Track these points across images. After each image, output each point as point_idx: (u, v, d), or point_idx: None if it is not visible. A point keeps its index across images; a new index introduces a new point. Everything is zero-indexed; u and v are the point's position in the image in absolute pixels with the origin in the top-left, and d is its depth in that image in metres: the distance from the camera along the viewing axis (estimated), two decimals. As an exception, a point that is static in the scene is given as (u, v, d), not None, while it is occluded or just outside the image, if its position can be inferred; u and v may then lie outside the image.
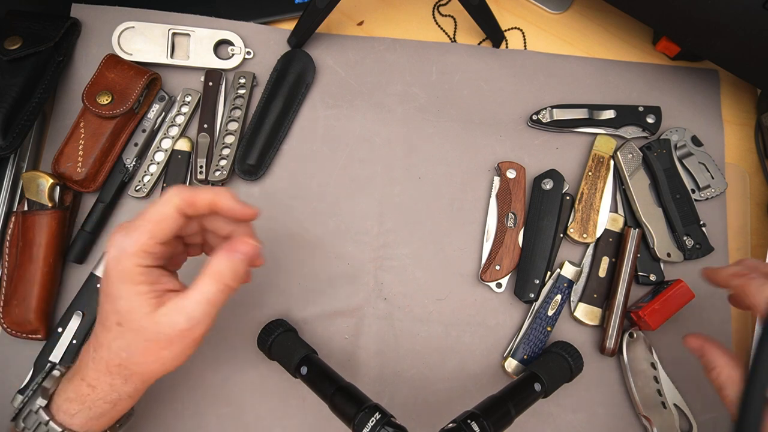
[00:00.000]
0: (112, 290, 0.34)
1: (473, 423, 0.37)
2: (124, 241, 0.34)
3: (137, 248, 0.34)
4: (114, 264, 0.34)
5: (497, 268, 0.50)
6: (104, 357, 0.35)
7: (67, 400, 0.36)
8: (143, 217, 0.35)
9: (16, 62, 0.49)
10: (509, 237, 0.51)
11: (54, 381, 0.37)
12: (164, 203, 0.35)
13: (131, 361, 0.35)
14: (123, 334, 0.34)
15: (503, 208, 0.52)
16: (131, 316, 0.34)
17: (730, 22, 0.46)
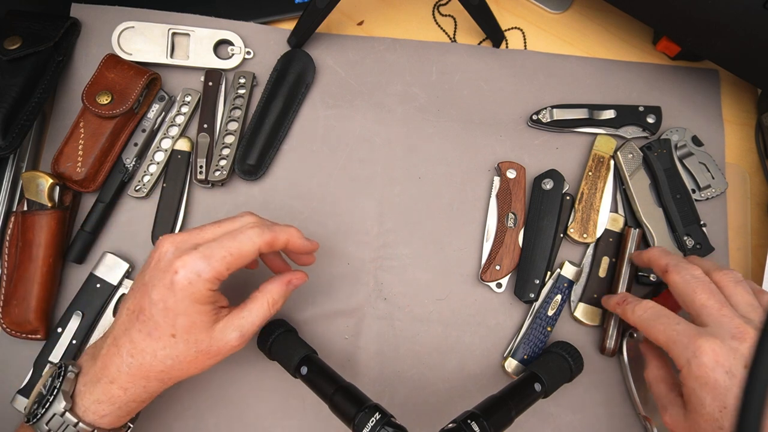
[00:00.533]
0: (176, 307, 0.36)
1: (473, 423, 0.37)
2: (199, 264, 0.35)
3: (212, 276, 0.36)
4: (186, 284, 0.35)
5: (497, 268, 0.50)
6: (145, 363, 0.36)
7: (96, 402, 0.36)
8: (223, 245, 0.36)
9: (15, 62, 0.49)
10: (509, 237, 0.51)
11: (71, 383, 0.37)
12: (248, 242, 0.37)
13: (175, 368, 0.37)
14: (175, 345, 0.36)
15: (503, 208, 0.51)
16: (190, 330, 0.36)
17: (730, 22, 0.46)
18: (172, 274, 0.35)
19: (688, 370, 0.37)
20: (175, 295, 0.35)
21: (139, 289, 0.37)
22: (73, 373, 0.37)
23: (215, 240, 0.37)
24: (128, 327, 0.37)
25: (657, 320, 0.40)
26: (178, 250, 0.37)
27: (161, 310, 0.36)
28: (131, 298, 0.38)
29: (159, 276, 0.36)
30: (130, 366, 0.36)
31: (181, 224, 0.51)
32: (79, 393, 0.37)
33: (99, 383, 0.37)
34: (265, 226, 0.38)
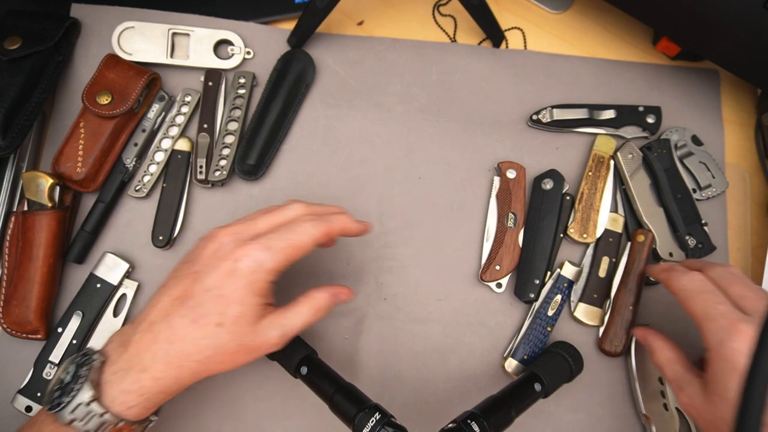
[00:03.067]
0: (231, 295, 0.36)
1: (473, 423, 0.37)
2: (261, 254, 0.36)
3: (273, 267, 0.37)
4: (248, 273, 0.36)
5: (497, 268, 0.50)
6: (183, 351, 0.36)
7: (124, 392, 0.35)
8: (282, 237, 0.37)
9: (15, 62, 0.49)
10: (509, 237, 0.51)
11: (96, 372, 0.36)
12: (306, 235, 0.38)
13: (213, 360, 0.36)
14: (218, 335, 0.36)
15: (503, 208, 0.51)
16: (239, 321, 0.36)
17: (730, 22, 0.46)
18: (233, 262, 0.36)
19: (718, 351, 0.36)
20: (234, 283, 0.36)
21: (188, 277, 0.37)
22: (99, 361, 0.36)
23: (273, 232, 0.38)
24: (169, 313, 0.36)
25: (701, 294, 0.39)
26: (238, 240, 0.37)
27: (214, 297, 0.36)
28: (176, 285, 0.37)
29: (216, 264, 0.36)
30: (167, 353, 0.35)
31: (181, 224, 0.51)
32: (107, 382, 0.35)
33: (130, 372, 0.35)
34: (320, 219, 0.39)
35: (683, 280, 0.41)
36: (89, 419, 0.34)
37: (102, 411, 0.34)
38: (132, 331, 0.37)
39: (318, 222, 0.38)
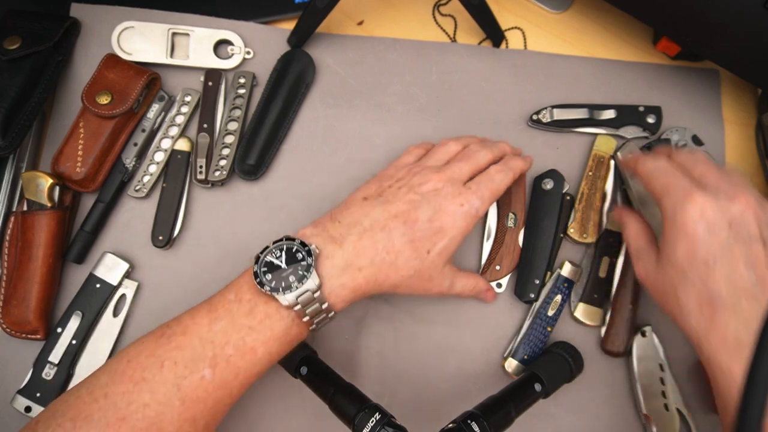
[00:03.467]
0: (449, 231, 0.41)
1: (473, 423, 0.37)
2: (477, 203, 0.42)
3: (482, 213, 0.43)
4: (467, 217, 0.41)
5: (497, 268, 0.50)
6: (395, 264, 0.39)
7: (341, 286, 0.38)
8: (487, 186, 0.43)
9: (15, 62, 0.49)
10: (510, 237, 0.51)
11: (316, 261, 0.38)
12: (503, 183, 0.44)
13: (409, 280, 0.40)
14: (424, 260, 0.40)
15: (504, 208, 0.51)
16: (442, 254, 0.41)
17: (730, 22, 0.46)
18: (457, 206, 0.41)
19: (672, 219, 0.38)
20: (455, 222, 0.41)
21: (406, 203, 0.41)
22: (317, 253, 0.38)
23: (480, 182, 0.43)
24: (388, 226, 0.39)
25: (664, 172, 0.40)
26: (455, 185, 0.42)
27: (434, 228, 0.40)
28: (391, 204, 0.41)
29: (439, 202, 0.41)
30: (383, 261, 0.39)
31: (181, 224, 0.51)
32: (327, 275, 0.38)
33: (348, 269, 0.38)
34: (508, 168, 0.45)
35: (648, 164, 0.42)
36: (311, 305, 0.37)
37: (323, 300, 0.37)
38: (344, 231, 0.40)
39: (506, 171, 0.45)
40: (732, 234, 0.35)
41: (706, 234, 0.36)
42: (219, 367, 0.35)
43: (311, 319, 0.37)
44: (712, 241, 0.35)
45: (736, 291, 0.34)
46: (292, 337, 0.38)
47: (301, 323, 0.37)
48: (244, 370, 0.36)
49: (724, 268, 0.35)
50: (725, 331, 0.34)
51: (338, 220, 0.41)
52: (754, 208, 0.36)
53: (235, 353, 0.35)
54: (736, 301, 0.34)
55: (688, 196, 0.37)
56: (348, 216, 0.41)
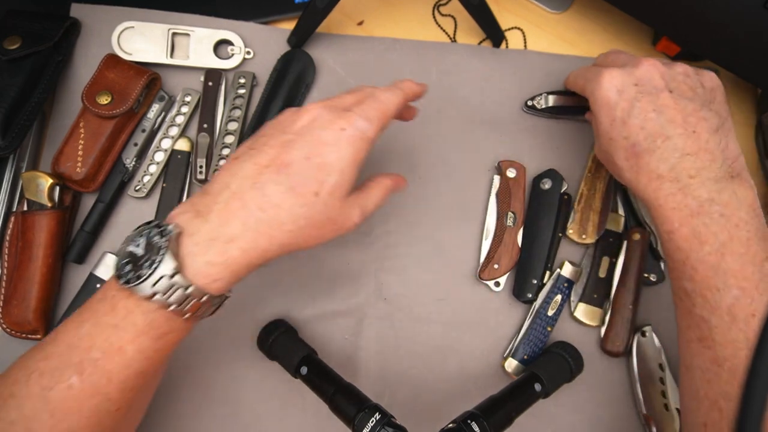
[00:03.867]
0: (335, 164, 0.35)
1: (473, 423, 0.37)
2: (363, 123, 0.36)
3: (373, 135, 0.37)
4: (353, 141, 0.36)
5: (496, 267, 0.50)
6: (277, 218, 0.34)
7: (208, 264, 0.33)
8: (373, 106, 0.38)
9: (15, 62, 0.49)
10: (508, 236, 0.51)
11: (174, 244, 0.33)
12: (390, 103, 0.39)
13: (303, 231, 0.35)
14: (314, 204, 0.35)
15: (503, 207, 0.51)
16: (334, 192, 0.36)
17: (730, 22, 0.46)
18: (337, 131, 0.36)
19: (592, 98, 0.43)
20: (339, 152, 0.35)
21: (277, 146, 0.36)
22: (176, 232, 0.33)
23: (364, 103, 0.38)
24: (259, 180, 0.34)
25: (583, 70, 0.47)
26: (334, 111, 0.37)
27: (316, 165, 0.35)
28: (261, 154, 0.35)
29: (316, 133, 0.36)
30: (259, 221, 0.34)
31: (181, 224, 0.51)
32: (189, 254, 0.33)
33: (215, 242, 0.33)
34: (396, 88, 0.41)
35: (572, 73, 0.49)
36: (172, 292, 0.32)
37: (186, 284, 0.32)
38: (210, 200, 0.35)
39: (394, 90, 0.40)
40: (639, 90, 0.41)
41: (617, 97, 0.41)
42: (86, 372, 0.32)
43: (181, 308, 0.33)
44: (623, 101, 0.41)
45: (650, 135, 0.40)
46: (164, 331, 0.33)
47: (171, 314, 0.33)
48: (117, 373, 0.32)
49: (637, 119, 0.40)
50: (648, 170, 0.40)
51: (206, 191, 0.36)
52: (657, 66, 0.42)
53: (103, 356, 0.32)
54: (651, 144, 0.40)
55: (599, 75, 0.42)
56: (216, 183, 0.36)
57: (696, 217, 0.38)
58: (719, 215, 0.37)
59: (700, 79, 0.43)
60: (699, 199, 0.38)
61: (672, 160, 0.39)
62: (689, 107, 0.40)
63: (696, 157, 0.39)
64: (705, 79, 0.43)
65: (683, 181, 0.38)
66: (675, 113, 0.40)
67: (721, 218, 0.37)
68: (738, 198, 0.38)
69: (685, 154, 0.39)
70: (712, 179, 0.38)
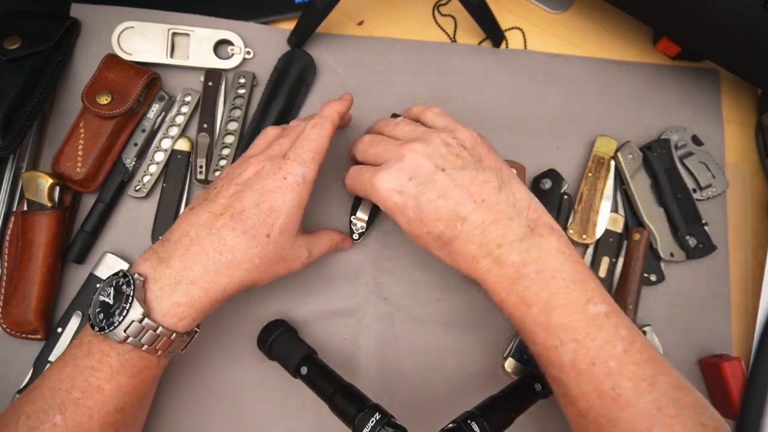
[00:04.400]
0: (282, 208, 0.40)
1: (473, 423, 0.37)
2: (300, 169, 0.40)
3: (312, 177, 0.41)
4: (295, 187, 0.40)
5: None
6: (235, 260, 0.38)
7: (175, 305, 0.36)
8: (305, 148, 0.41)
9: (15, 62, 0.49)
10: None
11: (141, 291, 0.36)
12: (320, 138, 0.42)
13: (258, 269, 0.39)
14: (266, 245, 0.39)
15: None
16: (283, 233, 0.40)
17: (730, 22, 0.46)
18: (280, 180, 0.40)
19: (381, 206, 0.42)
20: (284, 197, 0.40)
21: (228, 197, 0.40)
22: (140, 280, 0.37)
23: (296, 146, 0.41)
24: (215, 226, 0.38)
25: (353, 178, 0.44)
26: (274, 162, 0.41)
27: (265, 210, 0.39)
28: (213, 204, 0.39)
29: (261, 182, 0.40)
30: (218, 263, 0.37)
31: (181, 224, 0.51)
32: (155, 298, 0.36)
33: (179, 285, 0.37)
34: (321, 118, 0.43)
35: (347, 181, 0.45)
36: (143, 334, 0.36)
37: (155, 325, 0.36)
38: (171, 247, 0.38)
39: (320, 122, 0.43)
40: (415, 183, 0.39)
41: (401, 198, 0.40)
42: (69, 411, 0.35)
43: (152, 347, 0.36)
44: (408, 200, 0.40)
45: (449, 222, 0.39)
46: (139, 369, 0.37)
47: (145, 354, 0.37)
48: (98, 410, 0.35)
49: (429, 212, 0.39)
50: (463, 254, 0.39)
51: (167, 239, 0.39)
52: (417, 150, 0.40)
53: (83, 396, 0.35)
54: (453, 230, 0.39)
55: (372, 183, 0.41)
56: (176, 232, 0.39)
57: (517, 282, 0.38)
58: (535, 273, 0.37)
59: (458, 142, 0.41)
60: (513, 265, 0.38)
61: (477, 238, 0.38)
62: (466, 178, 0.39)
63: (496, 225, 0.38)
64: (463, 139, 0.42)
65: (494, 253, 0.38)
66: (457, 191, 0.39)
67: (537, 276, 0.37)
68: (545, 249, 0.38)
69: (485, 227, 0.38)
70: (517, 241, 0.38)
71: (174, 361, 0.47)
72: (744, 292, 0.53)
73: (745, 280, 0.53)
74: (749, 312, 0.52)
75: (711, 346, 0.51)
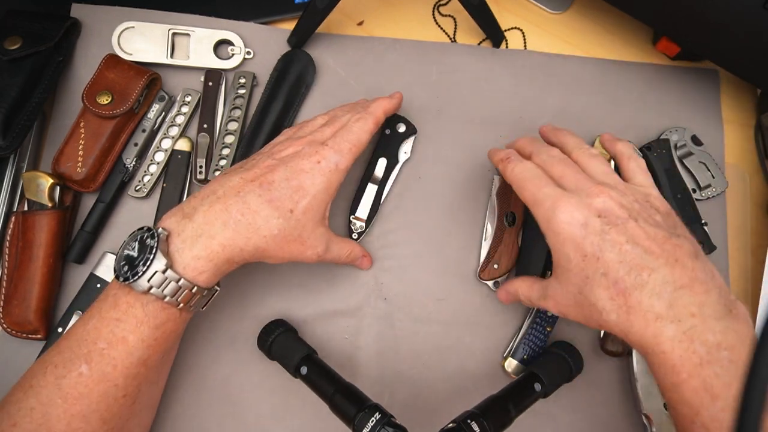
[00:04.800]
0: (310, 188, 0.40)
1: (473, 423, 0.37)
2: (335, 156, 0.42)
3: (345, 166, 0.42)
4: (327, 172, 0.41)
5: (495, 267, 0.50)
6: (254, 224, 0.39)
7: (195, 258, 0.37)
8: (345, 139, 0.43)
9: (15, 62, 0.49)
10: (508, 236, 0.51)
11: (164, 243, 0.38)
12: (363, 133, 0.44)
13: (275, 240, 0.40)
14: (288, 219, 0.40)
15: (502, 207, 0.51)
16: (306, 214, 0.41)
17: (730, 22, 0.46)
18: (314, 163, 0.41)
19: (547, 227, 0.39)
20: (314, 179, 0.40)
21: (266, 167, 0.41)
22: (164, 233, 0.38)
23: (337, 135, 0.43)
24: (242, 190, 0.39)
25: (531, 180, 0.41)
26: (312, 146, 0.42)
27: (293, 186, 0.40)
28: (248, 171, 0.40)
29: (297, 161, 0.41)
30: (238, 223, 0.38)
31: (181, 224, 0.51)
32: (177, 250, 0.37)
33: (199, 239, 0.38)
34: (366, 114, 0.45)
35: (516, 169, 0.42)
36: (166, 285, 0.37)
37: (177, 277, 0.37)
38: (196, 203, 0.39)
39: (365, 117, 0.44)
40: (604, 222, 0.36)
41: (583, 232, 0.37)
42: (94, 361, 0.36)
43: (174, 299, 0.37)
44: (591, 236, 0.36)
45: (632, 269, 0.35)
46: (162, 320, 0.38)
47: (166, 305, 0.37)
48: (122, 360, 0.37)
49: (613, 254, 0.35)
50: (642, 310, 0.34)
51: (195, 196, 0.40)
52: (612, 196, 0.38)
53: (108, 346, 0.37)
54: (637, 278, 0.34)
55: (555, 205, 0.38)
56: (206, 189, 0.41)
57: (706, 366, 0.32)
58: (728, 362, 0.32)
59: (652, 205, 0.39)
60: (707, 344, 0.32)
61: (667, 296, 0.34)
62: (660, 234, 0.36)
63: (691, 291, 0.34)
64: (657, 204, 0.40)
65: (686, 322, 0.33)
66: (649, 243, 0.35)
67: (730, 365, 0.32)
68: (741, 337, 0.33)
69: (678, 287, 0.34)
70: (713, 318, 0.33)
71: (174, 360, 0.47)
72: (744, 292, 0.53)
73: (745, 280, 0.53)
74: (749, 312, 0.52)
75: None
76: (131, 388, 0.38)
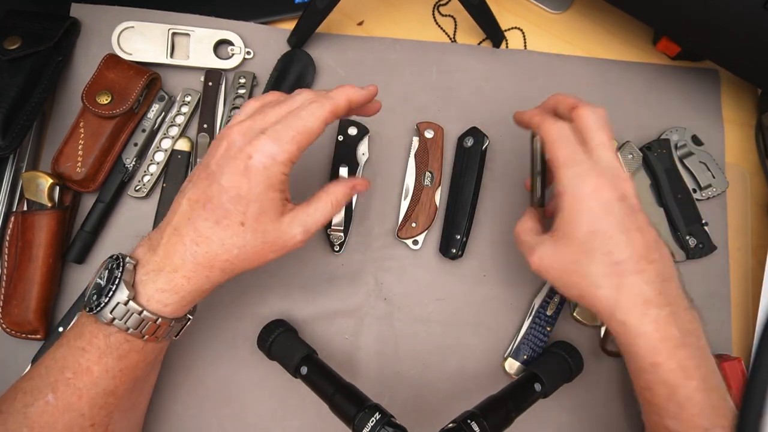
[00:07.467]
0: (249, 193, 0.36)
1: (473, 423, 0.37)
2: (271, 147, 0.36)
3: (286, 158, 0.36)
4: (261, 169, 0.36)
5: (413, 225, 0.51)
6: (211, 252, 0.36)
7: (159, 291, 0.36)
8: (289, 125, 0.36)
9: (15, 62, 0.49)
10: (425, 195, 0.52)
11: (130, 273, 0.37)
12: (312, 118, 0.37)
13: (240, 258, 0.37)
14: (243, 234, 0.36)
15: (420, 167, 0.52)
16: (260, 219, 0.37)
17: (730, 21, 0.46)
18: (245, 159, 0.36)
19: (573, 194, 0.38)
20: (250, 181, 0.36)
21: (205, 179, 0.37)
22: (131, 263, 0.37)
23: (280, 122, 0.37)
24: (191, 216, 0.37)
25: (567, 141, 0.39)
26: (247, 136, 0.37)
27: (233, 198, 0.36)
28: (192, 188, 0.38)
29: (228, 163, 0.36)
30: (195, 255, 0.36)
31: (181, 224, 0.51)
32: (141, 282, 0.36)
33: (162, 272, 0.36)
34: (323, 97, 0.38)
35: (553, 127, 0.40)
36: (128, 317, 0.36)
37: (140, 309, 0.36)
38: (158, 235, 0.38)
39: (322, 102, 0.38)
40: (623, 207, 0.37)
41: (604, 210, 0.37)
42: (60, 390, 0.36)
43: (138, 331, 0.36)
44: (610, 216, 0.37)
45: (636, 256, 0.36)
46: (126, 351, 0.37)
47: (131, 337, 0.36)
48: (87, 391, 0.36)
49: (624, 237, 0.37)
50: (633, 293, 0.36)
51: (159, 227, 0.39)
52: (631, 183, 0.39)
53: (73, 376, 0.36)
54: (637, 264, 0.36)
55: (586, 176, 0.38)
56: (166, 218, 0.39)
57: (681, 348, 0.35)
58: (696, 347, 0.36)
59: None
60: (683, 329, 0.36)
61: (658, 285, 0.36)
62: (653, 233, 0.38)
63: (672, 284, 0.37)
64: None
65: (667, 308, 0.36)
66: (651, 238, 0.38)
67: (698, 350, 0.36)
68: (700, 326, 0.37)
69: (664, 279, 0.37)
70: (686, 308, 0.37)
71: (174, 360, 0.47)
72: (744, 292, 0.53)
73: (745, 280, 0.53)
74: (749, 312, 0.52)
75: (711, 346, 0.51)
76: (99, 418, 0.37)
